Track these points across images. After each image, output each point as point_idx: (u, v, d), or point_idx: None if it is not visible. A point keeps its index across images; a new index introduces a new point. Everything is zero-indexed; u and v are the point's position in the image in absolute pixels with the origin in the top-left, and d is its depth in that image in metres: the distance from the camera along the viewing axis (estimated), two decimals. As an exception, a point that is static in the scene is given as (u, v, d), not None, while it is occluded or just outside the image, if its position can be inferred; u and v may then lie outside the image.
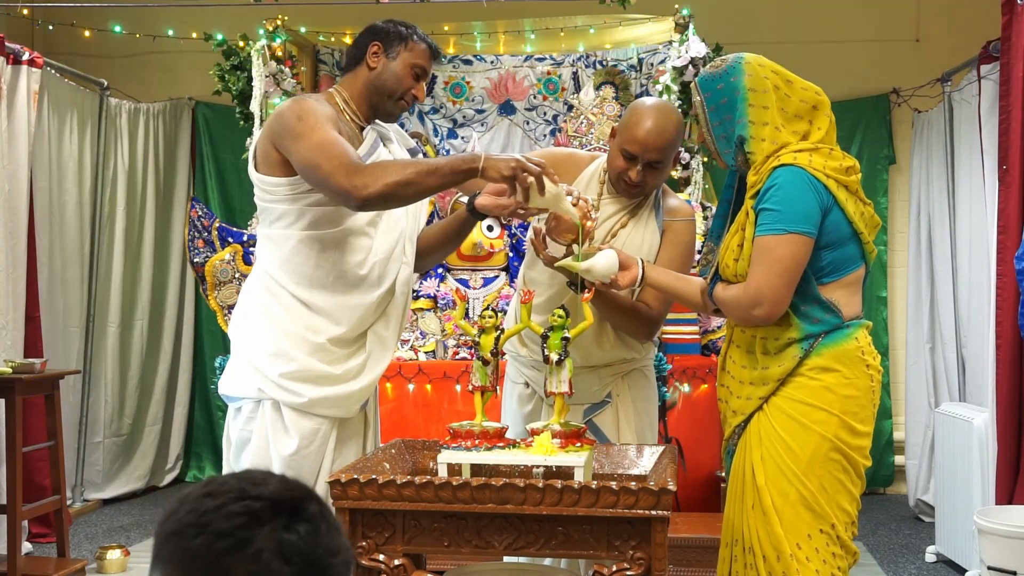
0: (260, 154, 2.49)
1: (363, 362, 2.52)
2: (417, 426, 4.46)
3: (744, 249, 2.28)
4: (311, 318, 2.48)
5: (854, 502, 2.30)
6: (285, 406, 2.45)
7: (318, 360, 2.46)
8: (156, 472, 6.30)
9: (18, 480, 4.12)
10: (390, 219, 2.55)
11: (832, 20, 6.15)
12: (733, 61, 2.33)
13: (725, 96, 2.31)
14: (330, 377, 2.47)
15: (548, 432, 2.21)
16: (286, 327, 2.47)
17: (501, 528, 2.05)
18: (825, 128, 2.31)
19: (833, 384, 2.25)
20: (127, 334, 6.11)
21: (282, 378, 2.44)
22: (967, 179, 4.97)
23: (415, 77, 2.57)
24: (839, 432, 2.24)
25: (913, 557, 4.75)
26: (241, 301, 2.59)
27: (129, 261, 6.10)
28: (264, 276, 2.52)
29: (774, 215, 2.21)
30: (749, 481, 2.30)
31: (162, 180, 6.32)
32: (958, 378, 5.05)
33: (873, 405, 2.32)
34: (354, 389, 2.50)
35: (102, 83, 5.81)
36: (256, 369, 2.47)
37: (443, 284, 5.10)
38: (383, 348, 2.55)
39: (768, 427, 2.29)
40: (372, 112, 2.60)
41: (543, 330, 2.31)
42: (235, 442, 2.52)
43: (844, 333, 2.27)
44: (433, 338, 4.93)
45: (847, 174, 2.28)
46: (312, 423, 2.46)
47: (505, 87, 5.53)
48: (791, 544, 2.22)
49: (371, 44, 2.57)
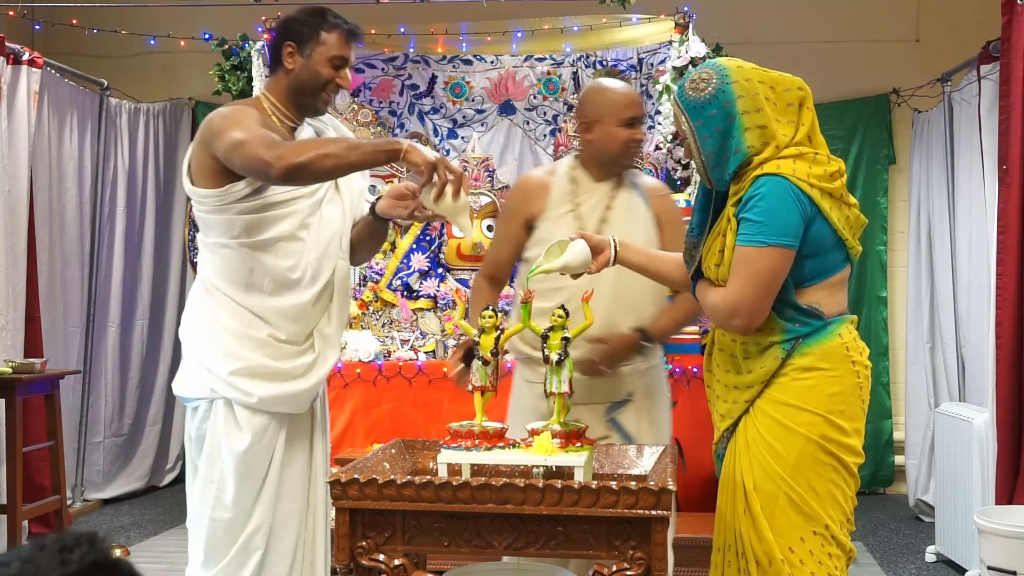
0: (194, 165, 2.53)
1: (312, 361, 2.57)
2: (417, 426, 4.46)
3: (725, 256, 2.25)
4: (252, 318, 2.53)
5: (848, 500, 2.26)
6: (236, 404, 2.51)
7: (266, 356, 2.51)
8: (156, 472, 6.30)
9: (18, 480, 4.13)
10: (321, 219, 2.58)
11: (832, 20, 6.14)
12: (720, 82, 2.23)
13: (719, 124, 2.22)
14: (279, 373, 2.52)
15: (548, 432, 2.21)
16: (231, 327, 2.53)
17: (501, 528, 2.05)
18: (809, 123, 2.25)
19: (817, 383, 2.22)
20: (127, 334, 6.11)
21: (232, 376, 2.49)
22: (967, 179, 4.97)
23: (335, 68, 2.55)
24: (826, 431, 2.21)
25: (913, 557, 4.75)
26: (188, 306, 2.64)
27: (129, 261, 6.10)
28: (206, 283, 2.58)
29: (755, 226, 2.17)
30: (739, 486, 2.28)
31: (162, 180, 6.32)
32: (958, 378, 5.05)
33: (862, 401, 2.27)
34: (303, 387, 2.55)
35: (102, 83, 5.81)
36: (207, 369, 2.52)
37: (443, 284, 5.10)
38: (329, 346, 2.61)
39: (754, 431, 2.26)
40: (299, 110, 2.60)
41: (543, 330, 2.31)
42: (194, 441, 2.58)
43: (827, 331, 2.24)
44: (433, 338, 4.93)
45: (832, 180, 2.22)
46: (263, 419, 2.52)
47: (505, 87, 5.53)
48: (782, 549, 2.20)
49: (284, 45, 2.55)
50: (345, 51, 2.55)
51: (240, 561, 2.51)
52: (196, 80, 6.21)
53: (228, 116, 2.46)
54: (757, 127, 2.21)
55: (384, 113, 5.50)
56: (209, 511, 2.52)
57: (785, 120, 2.24)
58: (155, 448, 6.28)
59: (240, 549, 2.51)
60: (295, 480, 2.58)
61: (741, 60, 2.30)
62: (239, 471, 2.50)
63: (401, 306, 4.99)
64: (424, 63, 5.56)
